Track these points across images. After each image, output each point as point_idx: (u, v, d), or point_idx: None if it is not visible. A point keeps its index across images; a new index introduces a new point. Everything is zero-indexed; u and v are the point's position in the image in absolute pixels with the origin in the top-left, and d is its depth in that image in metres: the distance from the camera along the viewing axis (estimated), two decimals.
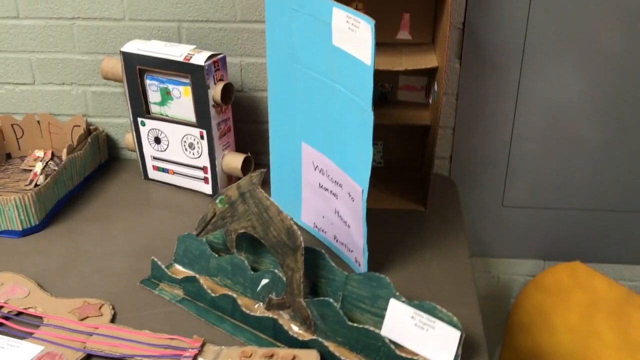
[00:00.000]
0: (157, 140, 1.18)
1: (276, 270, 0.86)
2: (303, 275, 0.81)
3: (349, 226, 0.94)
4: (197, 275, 0.89)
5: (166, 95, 1.12)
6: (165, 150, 1.18)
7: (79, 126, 1.25)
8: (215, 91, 1.07)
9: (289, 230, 0.82)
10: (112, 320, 0.86)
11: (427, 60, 1.05)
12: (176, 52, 1.07)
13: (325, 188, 0.98)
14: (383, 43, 1.13)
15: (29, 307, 0.88)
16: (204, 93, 1.07)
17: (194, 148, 1.14)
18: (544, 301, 1.26)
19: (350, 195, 0.91)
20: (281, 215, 0.82)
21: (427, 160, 1.13)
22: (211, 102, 1.08)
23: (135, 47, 1.11)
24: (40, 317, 0.86)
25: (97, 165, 1.27)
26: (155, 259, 0.93)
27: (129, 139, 1.23)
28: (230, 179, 1.18)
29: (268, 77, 1.01)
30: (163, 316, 0.88)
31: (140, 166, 1.23)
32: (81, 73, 1.25)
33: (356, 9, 1.11)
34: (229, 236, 0.90)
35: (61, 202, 1.14)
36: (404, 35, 1.13)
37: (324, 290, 0.87)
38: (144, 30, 1.20)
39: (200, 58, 1.05)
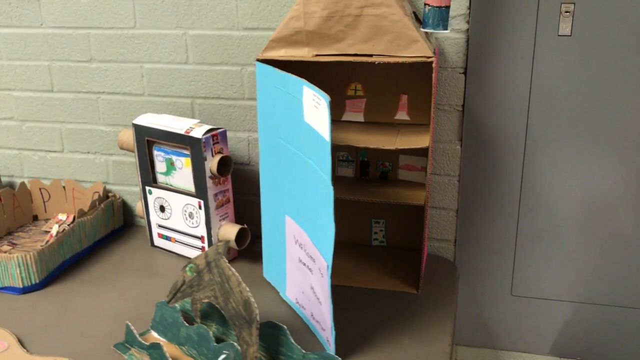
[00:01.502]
0: (162, 209, 1.22)
1: (235, 344, 0.84)
2: (257, 350, 0.80)
3: (320, 303, 0.92)
4: (162, 343, 0.89)
5: (170, 166, 1.17)
6: (169, 218, 1.22)
7: (98, 192, 1.32)
8: (212, 163, 1.11)
9: (246, 303, 0.81)
10: None
11: (420, 141, 1.05)
12: (179, 125, 1.13)
13: (303, 263, 0.97)
14: (381, 123, 1.14)
15: None
16: (201, 165, 1.11)
17: (193, 217, 1.17)
18: None
19: (320, 271, 0.89)
20: (240, 286, 0.82)
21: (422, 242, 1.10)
22: (208, 174, 1.12)
23: (146, 120, 1.18)
24: None
25: (110, 230, 1.32)
26: (129, 324, 0.95)
27: (139, 206, 1.28)
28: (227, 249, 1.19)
29: (260, 151, 1.04)
30: None
31: (148, 233, 1.27)
32: (104, 143, 1.34)
33: (355, 90, 1.14)
34: (194, 305, 0.90)
35: (66, 263, 1.19)
36: (402, 115, 1.13)
37: None
38: (161, 105, 1.27)
39: (199, 131, 1.10)
